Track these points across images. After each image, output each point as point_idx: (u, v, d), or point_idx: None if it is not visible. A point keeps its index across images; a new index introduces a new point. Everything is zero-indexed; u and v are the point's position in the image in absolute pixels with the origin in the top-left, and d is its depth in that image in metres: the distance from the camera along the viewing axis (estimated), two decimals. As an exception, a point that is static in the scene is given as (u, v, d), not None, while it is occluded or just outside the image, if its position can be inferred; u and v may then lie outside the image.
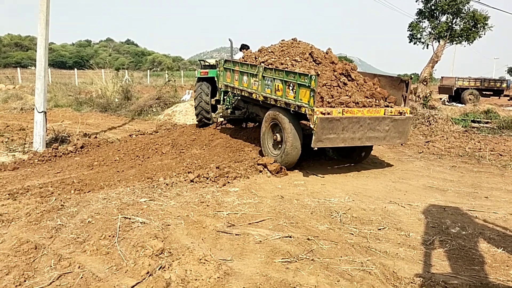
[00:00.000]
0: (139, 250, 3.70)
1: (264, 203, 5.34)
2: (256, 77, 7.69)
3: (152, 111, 15.99)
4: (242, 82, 8.24)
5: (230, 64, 8.79)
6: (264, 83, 7.48)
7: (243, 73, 8.19)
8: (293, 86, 6.71)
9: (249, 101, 8.98)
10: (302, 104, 6.52)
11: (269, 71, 7.34)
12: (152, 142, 9.44)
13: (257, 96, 7.67)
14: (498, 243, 4.09)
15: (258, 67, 7.60)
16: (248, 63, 8.10)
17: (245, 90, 8.13)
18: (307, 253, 3.81)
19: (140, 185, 6.11)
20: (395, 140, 7.12)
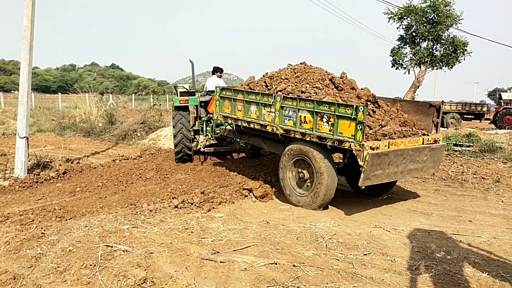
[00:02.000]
0: (121, 280, 3.61)
1: (250, 229, 5.29)
2: (270, 107, 6.76)
3: (137, 135, 15.89)
4: (249, 113, 7.25)
5: (229, 92, 7.72)
6: (283, 114, 6.56)
7: (249, 102, 7.20)
8: (329, 117, 5.89)
9: (247, 132, 8.02)
10: (344, 138, 5.71)
11: (290, 100, 6.44)
12: (136, 167, 9.36)
13: (274, 129, 6.72)
14: (483, 267, 4.09)
15: (275, 96, 6.64)
16: (258, 92, 7.12)
17: (253, 122, 7.12)
18: (293, 280, 3.76)
19: (123, 212, 6.01)
20: (430, 170, 6.70)
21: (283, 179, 6.80)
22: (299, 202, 6.51)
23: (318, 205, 6.29)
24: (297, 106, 6.32)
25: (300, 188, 6.64)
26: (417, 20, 16.21)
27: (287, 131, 6.55)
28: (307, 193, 6.43)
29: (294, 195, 6.63)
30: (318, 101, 6.08)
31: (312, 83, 6.95)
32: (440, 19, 15.83)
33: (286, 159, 6.73)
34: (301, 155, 6.47)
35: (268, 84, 7.38)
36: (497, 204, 6.84)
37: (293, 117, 6.42)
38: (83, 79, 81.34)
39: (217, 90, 7.93)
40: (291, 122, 6.48)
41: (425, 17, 16.07)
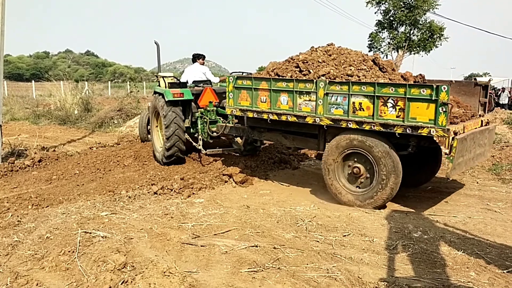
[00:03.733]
0: (100, 265, 3.58)
1: (230, 214, 5.30)
2: (310, 95, 5.89)
3: (114, 123, 15.64)
4: (278, 104, 6.28)
5: (248, 81, 6.62)
6: (328, 102, 5.74)
7: (278, 91, 6.23)
8: (396, 101, 5.18)
9: (261, 127, 7.06)
10: (419, 124, 5.03)
11: (339, 85, 5.61)
12: (114, 154, 9.22)
13: (316, 120, 5.85)
14: (459, 246, 4.19)
15: (317, 82, 5.76)
16: (291, 78, 6.17)
17: (286, 114, 6.17)
18: (274, 261, 3.79)
19: (101, 199, 5.94)
20: (487, 154, 6.30)
21: (329, 176, 5.98)
22: (351, 201, 5.76)
23: (381, 203, 5.59)
24: (349, 91, 5.50)
25: (353, 184, 5.89)
26: (394, 5, 16.33)
27: (336, 121, 5.70)
28: (364, 190, 5.71)
29: (345, 193, 5.84)
30: (380, 84, 5.35)
31: (355, 65, 6.21)
32: (417, 3, 15.97)
33: (332, 153, 5.90)
34: (356, 147, 5.68)
35: (303, 68, 6.35)
36: (472, 185, 7.00)
37: (343, 104, 5.61)
38: (57, 67, 79.44)
39: (230, 79, 6.78)
40: (340, 110, 5.66)
41: (403, 1, 16.20)
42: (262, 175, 7.65)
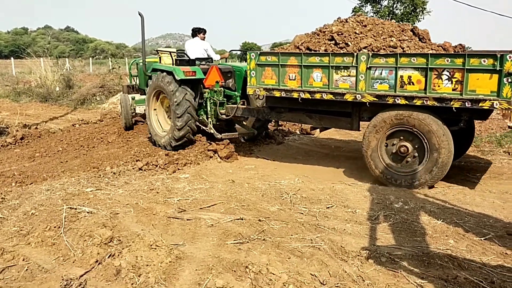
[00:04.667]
0: (86, 240, 3.60)
1: (215, 188, 5.34)
2: (349, 70, 5.47)
3: (96, 99, 15.44)
4: (310, 81, 5.81)
5: (273, 57, 6.06)
6: (371, 76, 5.35)
7: (310, 67, 5.75)
8: (452, 73, 4.83)
9: (283, 107, 6.58)
10: (480, 96, 4.70)
11: (384, 58, 5.21)
12: (97, 131, 9.15)
13: (357, 97, 5.45)
14: (438, 215, 4.31)
15: (358, 55, 5.34)
16: (327, 52, 5.69)
17: (320, 92, 5.73)
18: (259, 233, 3.86)
19: (86, 175, 5.92)
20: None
21: (371, 156, 5.64)
22: (397, 181, 5.45)
23: (432, 183, 5.36)
24: (397, 64, 5.13)
25: (398, 164, 5.58)
26: (378, -22, 16.25)
27: (381, 97, 5.31)
28: (413, 171, 5.42)
29: (391, 173, 5.53)
30: (434, 55, 4.99)
31: (396, 36, 5.81)
32: (400, -24, 15.94)
33: (376, 131, 5.55)
34: (403, 124, 5.34)
35: (339, 41, 5.85)
36: (452, 158, 7.14)
37: (389, 78, 5.23)
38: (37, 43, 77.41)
39: (252, 56, 6.21)
40: (385, 85, 5.28)
41: (386, -25, 16.13)
42: (247, 150, 7.70)
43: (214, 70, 7.64)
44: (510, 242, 3.64)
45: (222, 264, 3.21)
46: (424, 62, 4.97)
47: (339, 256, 3.42)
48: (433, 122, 5.14)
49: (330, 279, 3.01)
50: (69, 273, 3.08)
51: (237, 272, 3.09)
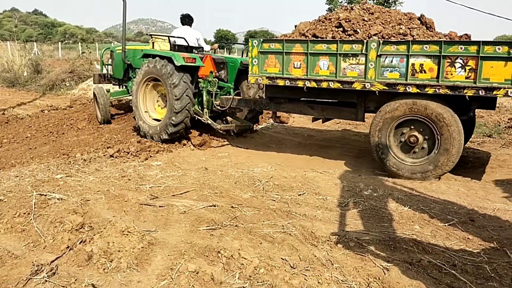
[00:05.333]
0: (57, 226, 3.56)
1: (188, 175, 5.35)
2: (357, 58, 5.33)
3: (65, 85, 15.10)
4: (316, 69, 5.64)
5: (277, 44, 5.85)
6: (381, 64, 5.24)
7: (317, 55, 5.58)
8: (465, 61, 4.78)
9: (283, 97, 6.42)
10: (495, 84, 4.65)
11: (395, 45, 5.11)
12: (67, 117, 8.98)
13: (366, 85, 5.32)
14: (405, 202, 4.45)
15: (368, 43, 5.21)
16: (335, 40, 5.52)
17: (326, 81, 5.56)
18: (231, 220, 3.90)
19: (55, 162, 5.82)
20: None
21: (380, 146, 5.52)
22: (406, 172, 5.41)
23: (442, 174, 5.31)
24: (409, 51, 5.04)
25: (406, 154, 5.51)
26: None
27: (392, 85, 5.20)
28: (422, 161, 5.36)
29: (401, 164, 5.45)
30: (448, 42, 4.91)
31: (405, 24, 5.72)
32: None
33: (384, 121, 5.44)
34: (414, 114, 5.26)
35: (347, 28, 5.70)
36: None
37: (400, 66, 5.14)
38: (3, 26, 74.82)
39: (254, 42, 5.99)
40: (395, 73, 5.18)
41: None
42: (220, 138, 7.70)
43: (208, 59, 7.42)
44: (473, 228, 3.80)
45: (194, 249, 3.24)
46: (437, 50, 4.91)
47: (309, 241, 3.49)
48: (445, 111, 5.08)
49: (300, 263, 3.08)
50: (40, 259, 3.05)
51: (209, 257, 3.13)
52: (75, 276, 2.86)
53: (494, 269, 2.98)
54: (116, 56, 8.70)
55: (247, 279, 2.82)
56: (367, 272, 2.95)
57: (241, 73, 7.58)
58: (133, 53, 8.16)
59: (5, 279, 2.84)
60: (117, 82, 9.00)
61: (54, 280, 2.80)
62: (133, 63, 8.13)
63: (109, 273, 2.89)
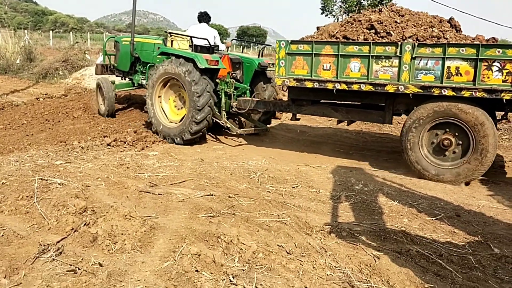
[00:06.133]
0: (60, 209, 3.67)
1: (185, 166, 5.47)
2: (390, 60, 5.28)
3: (59, 74, 15.06)
4: (347, 71, 5.57)
5: (305, 46, 5.76)
6: (415, 67, 5.20)
7: (348, 57, 5.52)
8: (503, 64, 4.77)
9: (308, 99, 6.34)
10: None
11: (431, 48, 5.08)
12: (62, 105, 9.03)
13: (400, 88, 5.26)
14: (395, 197, 4.64)
15: (403, 45, 5.17)
16: (367, 42, 5.50)
17: (357, 83, 5.50)
18: (229, 208, 4.05)
19: (54, 149, 5.91)
20: None
21: (412, 150, 5.46)
22: (439, 176, 5.33)
23: (476, 177, 5.28)
24: (444, 54, 5.00)
25: (438, 157, 5.43)
26: (347, -32, 16.61)
27: (426, 88, 5.17)
28: (455, 164, 5.30)
29: (433, 167, 5.38)
30: (485, 45, 4.89)
31: (437, 27, 5.67)
32: (369, -33, 16.34)
33: (416, 124, 5.39)
34: (449, 117, 5.21)
35: (380, 30, 5.68)
36: (410, 146, 7.56)
37: (435, 69, 5.10)
38: (-8, 12, 73.73)
39: (282, 44, 5.89)
40: (430, 76, 5.14)
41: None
42: (215, 131, 7.83)
43: (226, 60, 7.23)
44: (458, 223, 4.00)
45: (194, 234, 3.38)
46: (473, 53, 4.90)
47: (303, 230, 3.66)
48: (481, 114, 5.06)
49: (295, 249, 3.24)
50: (45, 239, 3.16)
51: (209, 242, 3.27)
52: (81, 255, 2.98)
53: (478, 260, 3.17)
54: (122, 47, 8.54)
55: (246, 263, 2.98)
56: (359, 259, 3.12)
57: (257, 74, 7.47)
58: (142, 46, 8.00)
59: (14, 257, 2.95)
60: (121, 74, 8.87)
61: (61, 259, 2.92)
62: (141, 57, 8.04)
63: (114, 254, 3.03)
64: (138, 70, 8.30)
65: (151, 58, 7.74)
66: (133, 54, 7.99)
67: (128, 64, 8.45)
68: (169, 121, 7.04)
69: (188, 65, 6.49)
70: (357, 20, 6.00)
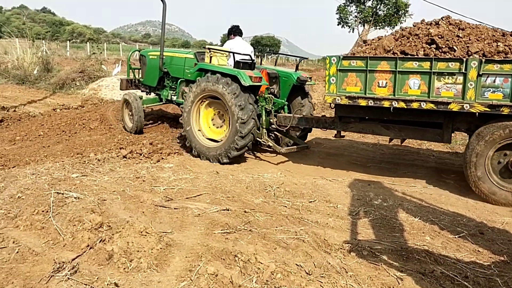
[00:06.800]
0: (76, 225, 3.64)
1: (200, 179, 5.43)
2: (454, 77, 5.00)
3: (76, 84, 15.23)
4: (405, 89, 5.27)
5: (359, 62, 5.49)
6: (481, 84, 4.90)
7: (406, 73, 5.23)
8: None
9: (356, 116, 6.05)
10: None
11: (499, 64, 4.78)
12: (79, 117, 9.08)
13: (465, 107, 4.95)
14: (415, 213, 4.52)
15: (468, 61, 4.87)
16: (428, 57, 5.18)
17: (418, 101, 5.18)
18: (245, 224, 3.97)
19: (70, 161, 5.91)
20: None
21: (476, 173, 5.16)
22: (505, 199, 5.04)
23: None
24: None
25: (505, 179, 5.13)
26: (363, -21, 16.53)
27: (495, 107, 4.85)
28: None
29: (500, 191, 5.07)
30: None
31: (502, 41, 5.31)
32: (384, -21, 16.25)
33: (482, 145, 5.08)
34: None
35: (441, 45, 5.35)
36: (429, 158, 7.43)
37: (504, 87, 4.81)
38: (11, 23, 75.24)
39: (333, 60, 5.60)
40: (498, 94, 4.84)
41: (371, -24, 16.43)
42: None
43: (264, 74, 6.92)
44: (482, 241, 3.87)
45: (211, 252, 3.32)
46: None
47: (322, 249, 3.57)
48: None
49: (315, 269, 3.15)
50: (60, 257, 3.12)
51: (226, 261, 3.20)
52: (96, 274, 2.94)
53: (505, 282, 3.05)
54: (149, 61, 8.31)
55: (264, 284, 2.90)
56: (381, 281, 3.02)
57: (295, 89, 7.18)
58: (171, 60, 7.80)
59: (28, 275, 2.92)
60: (148, 89, 8.61)
61: (77, 278, 2.88)
62: (170, 71, 7.83)
63: (130, 273, 2.97)
64: (167, 85, 8.07)
65: (182, 73, 7.58)
66: (162, 69, 7.77)
67: (155, 79, 8.19)
68: (208, 139, 6.76)
69: (230, 82, 6.23)
70: (414, 34, 5.71)
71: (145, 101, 8.24)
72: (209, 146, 6.59)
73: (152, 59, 8.21)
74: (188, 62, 7.52)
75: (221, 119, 6.77)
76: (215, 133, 6.79)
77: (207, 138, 6.75)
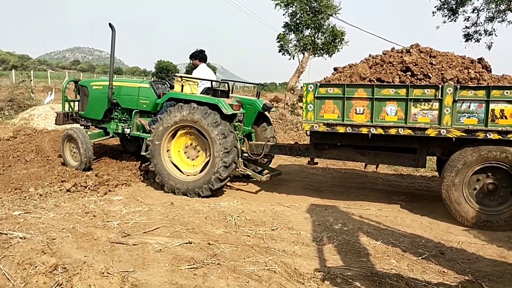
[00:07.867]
0: (27, 268, 3.29)
1: (155, 211, 5.18)
2: (430, 103, 5.08)
3: (4, 114, 14.24)
4: (382, 115, 5.31)
5: (336, 89, 5.48)
6: (457, 110, 5.01)
7: (383, 100, 5.27)
8: None
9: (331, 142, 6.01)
10: None
11: (473, 90, 4.93)
12: (12, 148, 8.43)
13: (442, 132, 5.05)
14: (376, 236, 4.57)
15: (444, 88, 4.98)
16: (405, 84, 5.25)
17: (395, 127, 5.22)
18: (211, 257, 3.80)
19: (8, 197, 5.44)
20: None
21: (453, 197, 5.19)
22: (487, 223, 5.07)
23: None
24: (488, 97, 4.86)
25: (481, 203, 5.18)
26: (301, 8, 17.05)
27: (470, 132, 4.97)
28: (503, 209, 5.08)
29: (478, 214, 5.11)
30: None
31: (472, 68, 5.48)
32: (321, 8, 16.86)
33: (457, 170, 5.15)
34: (494, 161, 5.03)
35: (416, 72, 5.46)
36: (377, 181, 7.64)
37: (478, 112, 4.94)
38: None
39: (310, 88, 5.54)
40: (473, 119, 4.96)
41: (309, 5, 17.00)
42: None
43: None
44: (444, 261, 3.97)
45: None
46: None
47: (295, 279, 3.48)
48: None
49: (293, 301, 3.05)
50: (13, 307, 2.79)
51: (200, 299, 3.02)
52: (58, 324, 2.64)
53: (476, 301, 3.11)
54: (92, 92, 7.69)
55: (245, 321, 2.75)
56: (361, 308, 2.97)
57: (259, 116, 7.14)
58: (120, 90, 7.38)
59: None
60: (90, 122, 7.98)
61: (35, 330, 2.56)
62: (121, 103, 7.36)
63: (96, 320, 2.70)
64: (115, 117, 7.56)
65: (136, 104, 7.20)
66: (111, 100, 7.29)
67: (101, 111, 7.60)
68: (181, 172, 6.35)
69: (209, 111, 5.98)
70: (387, 61, 5.78)
71: (92, 136, 7.60)
72: (186, 180, 6.19)
73: (96, 89, 7.66)
74: (143, 92, 7.17)
75: (195, 150, 6.44)
76: (188, 166, 6.43)
77: (181, 171, 6.36)
